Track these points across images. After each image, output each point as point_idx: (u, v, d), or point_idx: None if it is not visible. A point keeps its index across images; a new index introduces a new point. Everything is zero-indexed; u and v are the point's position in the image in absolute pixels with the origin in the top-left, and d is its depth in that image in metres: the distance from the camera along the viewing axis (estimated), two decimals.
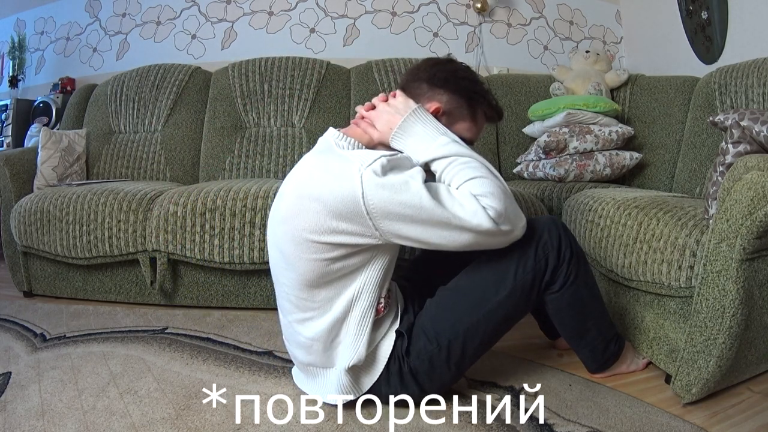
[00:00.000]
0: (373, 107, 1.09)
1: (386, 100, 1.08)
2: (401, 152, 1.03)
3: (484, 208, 0.91)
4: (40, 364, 1.32)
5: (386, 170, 0.92)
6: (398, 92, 1.09)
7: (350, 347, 1.03)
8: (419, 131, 1.01)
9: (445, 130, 1.02)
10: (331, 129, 1.08)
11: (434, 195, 0.91)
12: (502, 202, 0.92)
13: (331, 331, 1.04)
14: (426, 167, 0.99)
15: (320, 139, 1.09)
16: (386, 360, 1.06)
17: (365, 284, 1.02)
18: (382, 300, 1.06)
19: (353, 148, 1.04)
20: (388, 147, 1.06)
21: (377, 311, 1.05)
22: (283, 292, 1.08)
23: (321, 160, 1.00)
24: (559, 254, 1.08)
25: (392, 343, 1.07)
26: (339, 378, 1.05)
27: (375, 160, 0.92)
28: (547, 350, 1.43)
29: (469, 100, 1.11)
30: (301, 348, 1.10)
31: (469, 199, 0.92)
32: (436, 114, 1.07)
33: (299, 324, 1.07)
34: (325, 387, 1.09)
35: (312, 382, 1.13)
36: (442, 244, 0.95)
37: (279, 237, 1.04)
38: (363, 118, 1.09)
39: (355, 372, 1.07)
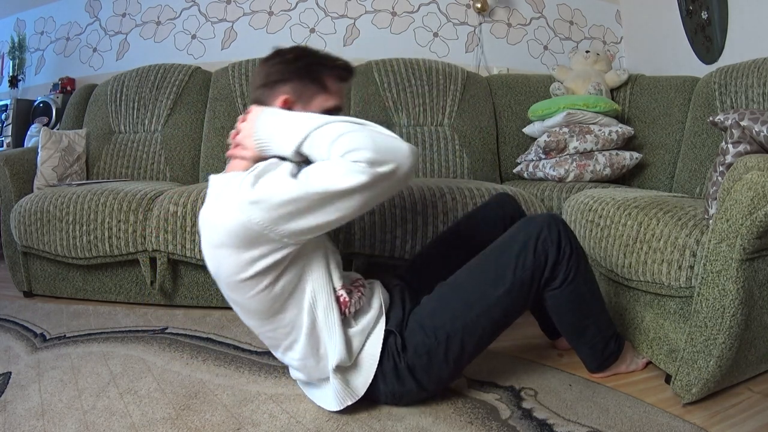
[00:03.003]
0: (238, 131, 1.07)
1: (245, 119, 1.06)
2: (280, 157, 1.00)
3: (355, 163, 0.87)
4: (40, 364, 1.32)
5: (255, 183, 0.92)
6: (252, 106, 1.07)
7: (330, 349, 1.04)
8: (275, 130, 0.99)
9: (297, 115, 1.00)
10: (210, 177, 1.05)
11: (305, 179, 0.90)
12: (369, 149, 0.88)
13: (311, 344, 1.05)
14: (301, 158, 0.97)
15: (208, 190, 1.05)
16: (377, 360, 1.06)
17: (315, 287, 1.02)
18: (341, 292, 1.05)
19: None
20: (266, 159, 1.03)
21: (342, 304, 1.05)
22: (260, 334, 1.11)
23: (208, 209, 1.00)
24: (559, 250, 1.08)
25: (380, 341, 1.07)
26: (334, 386, 1.06)
27: (242, 182, 0.92)
28: (547, 350, 1.43)
29: (309, 75, 1.08)
30: (298, 371, 1.12)
31: (335, 163, 0.89)
32: (288, 106, 1.05)
33: (286, 353, 1.09)
34: (325, 398, 1.09)
35: (313, 394, 1.14)
36: (342, 216, 0.93)
37: (223, 290, 1.06)
38: (236, 147, 1.06)
39: (346, 374, 1.07)
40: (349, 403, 1.06)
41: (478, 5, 2.75)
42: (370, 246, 1.65)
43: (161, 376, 1.26)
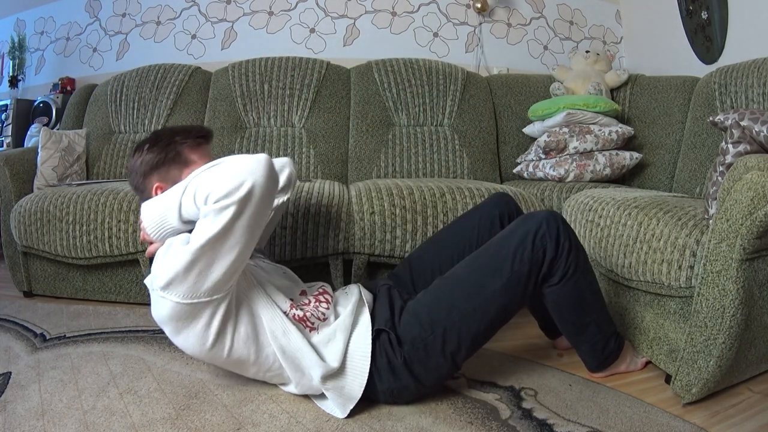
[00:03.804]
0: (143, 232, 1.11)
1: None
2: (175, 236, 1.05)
3: (217, 203, 0.92)
4: (40, 364, 1.32)
5: (158, 270, 0.99)
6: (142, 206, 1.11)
7: (309, 365, 1.06)
8: (156, 216, 1.03)
9: (164, 195, 1.04)
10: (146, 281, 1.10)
11: (191, 240, 0.96)
12: (219, 185, 0.92)
13: (294, 367, 1.08)
14: (188, 228, 1.02)
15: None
16: (368, 359, 1.07)
17: (265, 318, 1.07)
18: (293, 311, 1.10)
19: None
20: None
21: (300, 321, 1.09)
22: (268, 379, 1.16)
23: (153, 311, 1.06)
24: (558, 246, 1.09)
25: (367, 340, 1.08)
26: (330, 396, 1.07)
27: (153, 279, 1.00)
28: (547, 350, 1.43)
29: (168, 158, 1.13)
30: (307, 392, 1.14)
31: (205, 213, 0.94)
32: (163, 191, 1.10)
33: (292, 382, 1.11)
34: (330, 408, 1.09)
35: (321, 403, 1.14)
36: (242, 250, 0.98)
37: (210, 364, 1.14)
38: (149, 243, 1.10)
39: (338, 381, 1.07)
40: (351, 407, 1.06)
41: (478, 5, 2.75)
42: (370, 246, 1.65)
43: (161, 376, 1.26)
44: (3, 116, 2.75)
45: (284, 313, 1.09)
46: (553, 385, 1.22)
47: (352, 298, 1.17)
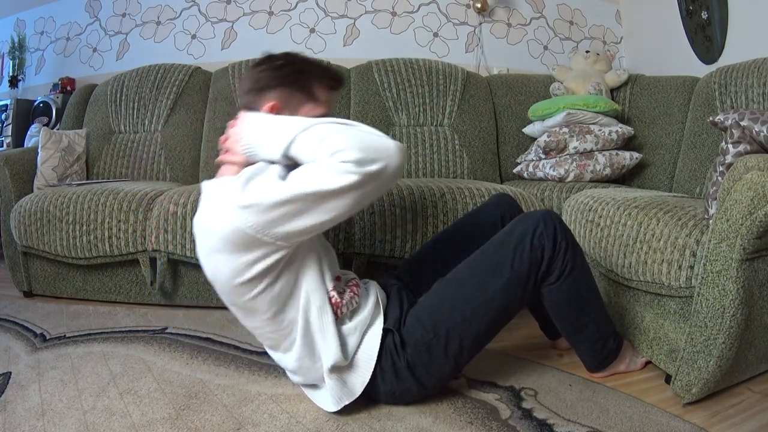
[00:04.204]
0: (228, 137, 1.07)
1: (235, 125, 1.06)
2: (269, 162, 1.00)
3: (343, 163, 0.87)
4: (40, 364, 1.32)
5: (245, 187, 0.92)
6: (241, 113, 1.07)
7: (324, 350, 1.04)
8: (262, 134, 0.99)
9: (283, 119, 1.00)
10: (203, 183, 1.06)
11: (295, 181, 0.90)
12: (356, 149, 0.87)
13: (306, 344, 1.05)
14: (290, 161, 0.97)
15: (201, 197, 1.06)
16: (374, 359, 1.06)
17: (308, 288, 1.03)
18: (333, 294, 1.06)
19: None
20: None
21: (334, 305, 1.05)
22: (260, 335, 1.11)
23: (201, 215, 1.01)
24: (555, 244, 1.09)
25: (377, 340, 1.07)
26: (331, 386, 1.05)
27: (233, 187, 0.93)
28: (547, 350, 1.43)
29: (297, 83, 1.08)
30: (295, 374, 1.12)
31: (324, 164, 0.89)
32: (275, 112, 1.05)
33: (285, 353, 1.10)
34: (323, 399, 1.09)
35: (313, 395, 1.14)
36: (334, 217, 0.93)
37: (221, 294, 1.06)
38: (225, 152, 1.07)
39: (342, 374, 1.06)
40: (347, 402, 1.06)
41: (478, 5, 2.75)
42: (370, 246, 1.65)
43: (161, 376, 1.26)
44: (3, 116, 2.75)
45: (327, 290, 1.06)
46: (553, 385, 1.22)
47: (371, 296, 1.15)
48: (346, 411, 1.07)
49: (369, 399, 1.10)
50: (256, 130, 1.00)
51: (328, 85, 1.12)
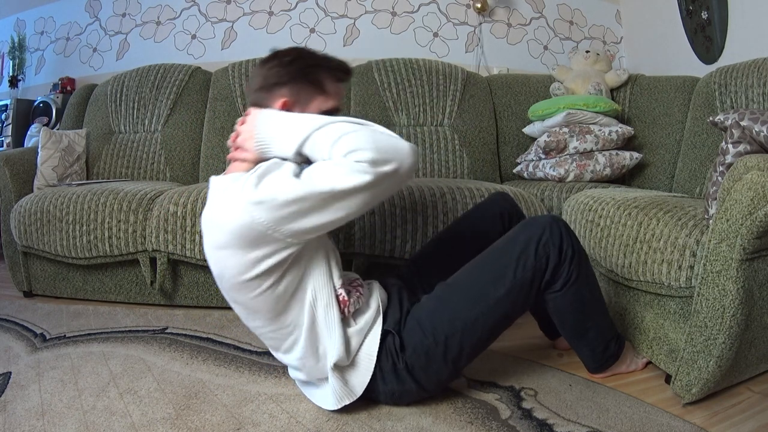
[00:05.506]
0: (238, 134, 1.06)
1: (244, 122, 1.06)
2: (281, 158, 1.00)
3: (357, 163, 0.88)
4: (40, 364, 1.32)
5: (259, 183, 0.92)
6: (250, 109, 1.07)
7: (329, 348, 1.04)
8: (275, 131, 0.99)
9: (297, 116, 1.00)
10: (212, 178, 1.05)
11: (308, 179, 0.90)
12: (371, 149, 0.88)
13: (311, 342, 1.05)
14: (302, 159, 0.97)
15: (209, 192, 1.05)
16: (374, 359, 1.06)
17: (316, 285, 1.03)
18: (341, 291, 1.05)
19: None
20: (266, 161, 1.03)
21: (342, 303, 1.05)
22: (261, 335, 1.11)
23: (211, 210, 1.00)
24: (561, 253, 1.08)
25: (377, 341, 1.07)
26: (333, 385, 1.05)
27: (246, 182, 0.93)
28: (547, 350, 1.43)
29: (306, 77, 1.08)
30: (297, 370, 1.12)
31: (339, 163, 0.89)
32: (287, 108, 1.05)
33: (287, 353, 1.09)
34: (324, 398, 1.09)
35: (312, 393, 1.14)
36: (345, 215, 0.93)
37: (225, 291, 1.06)
38: (236, 149, 1.06)
39: (344, 373, 1.07)
40: (347, 402, 1.06)
41: (478, 5, 2.75)
42: (370, 246, 1.65)
43: (161, 376, 1.26)
44: (3, 116, 2.75)
45: (334, 288, 1.05)
46: (553, 385, 1.22)
47: (374, 298, 1.15)
48: (346, 411, 1.08)
49: (369, 399, 1.10)
50: (270, 127, 1.00)
51: (336, 77, 1.12)
